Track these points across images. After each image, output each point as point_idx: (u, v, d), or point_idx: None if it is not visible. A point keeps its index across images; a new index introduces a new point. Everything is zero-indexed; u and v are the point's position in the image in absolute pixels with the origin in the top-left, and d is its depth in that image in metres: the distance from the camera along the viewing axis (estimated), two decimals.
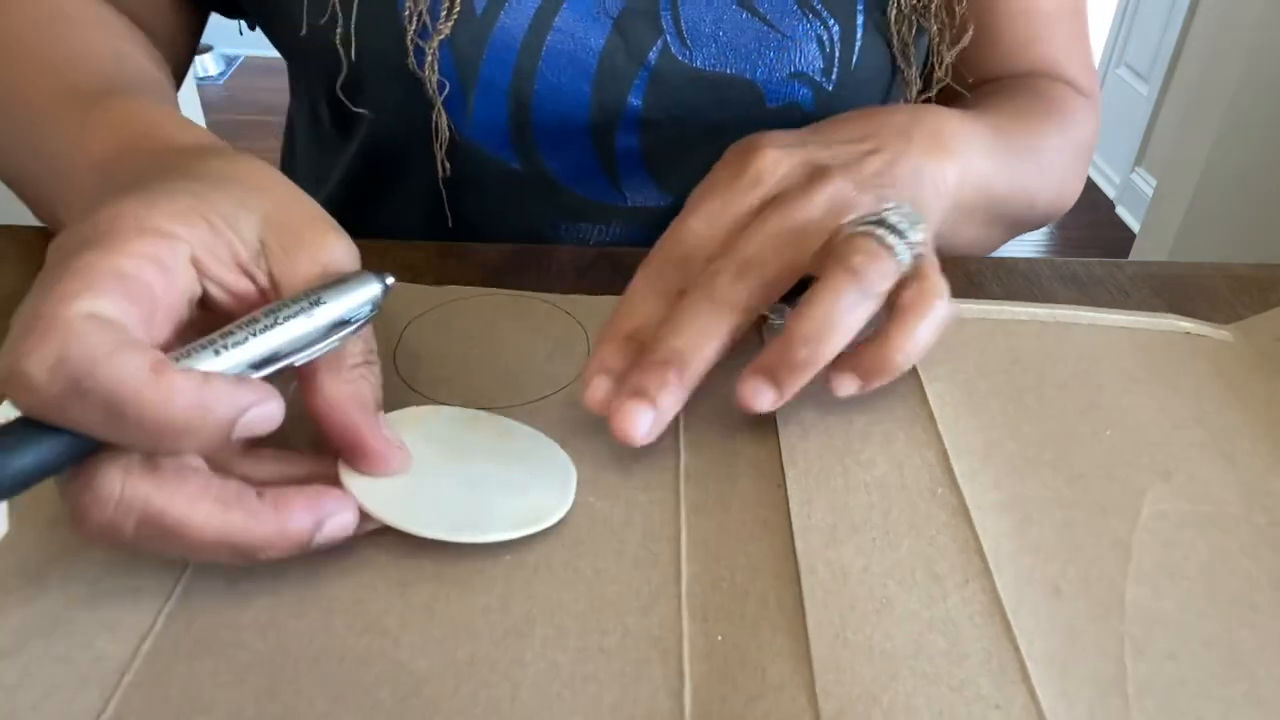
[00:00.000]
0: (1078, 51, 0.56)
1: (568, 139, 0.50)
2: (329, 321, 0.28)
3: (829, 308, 0.31)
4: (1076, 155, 0.52)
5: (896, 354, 0.32)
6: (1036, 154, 0.48)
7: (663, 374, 0.31)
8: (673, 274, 0.34)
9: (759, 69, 0.48)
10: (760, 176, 0.36)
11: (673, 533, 0.30)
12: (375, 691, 0.25)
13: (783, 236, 0.33)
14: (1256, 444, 0.35)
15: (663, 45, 0.47)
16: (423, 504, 0.29)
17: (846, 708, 0.25)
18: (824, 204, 0.34)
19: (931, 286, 0.33)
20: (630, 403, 0.31)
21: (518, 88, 0.47)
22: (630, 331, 0.33)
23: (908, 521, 0.31)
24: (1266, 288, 0.45)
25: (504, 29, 0.46)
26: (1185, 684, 0.26)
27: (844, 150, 0.37)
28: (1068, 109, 0.53)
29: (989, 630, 0.27)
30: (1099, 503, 0.32)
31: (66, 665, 0.26)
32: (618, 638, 0.27)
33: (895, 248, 0.32)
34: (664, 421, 0.32)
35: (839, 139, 0.38)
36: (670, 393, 0.31)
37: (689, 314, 0.32)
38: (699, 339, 0.32)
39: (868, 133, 0.39)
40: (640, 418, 0.31)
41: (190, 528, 0.24)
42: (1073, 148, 0.52)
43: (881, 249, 0.32)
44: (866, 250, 0.32)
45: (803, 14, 0.48)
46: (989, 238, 0.48)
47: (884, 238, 0.32)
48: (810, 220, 0.34)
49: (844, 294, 0.31)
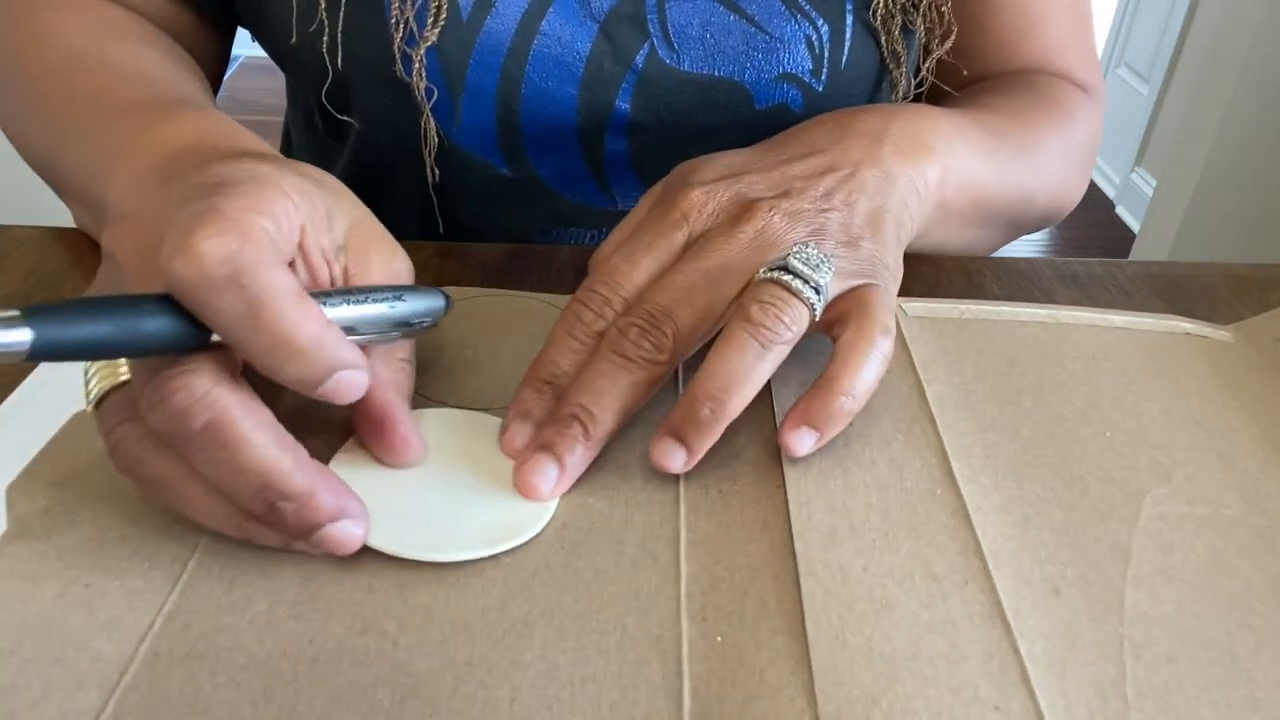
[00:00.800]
0: (1078, 44, 0.55)
1: (557, 143, 0.50)
2: (401, 316, 0.31)
3: (728, 363, 0.31)
4: (1077, 153, 0.51)
5: (839, 399, 0.31)
6: (1031, 151, 0.47)
7: (570, 433, 0.31)
8: (591, 317, 0.33)
9: (747, 71, 0.48)
10: (686, 216, 0.35)
11: (672, 533, 0.30)
12: (373, 693, 0.25)
13: (697, 284, 0.33)
14: (1256, 445, 0.35)
15: (650, 49, 0.47)
16: (398, 519, 0.29)
17: (845, 709, 0.25)
18: (745, 244, 0.33)
19: (872, 322, 0.32)
20: (538, 457, 0.31)
21: (505, 93, 0.47)
22: (548, 377, 0.33)
23: (907, 523, 0.31)
24: (1266, 288, 0.45)
25: (490, 34, 0.46)
26: (1184, 686, 0.26)
27: (790, 171, 0.36)
28: (1066, 105, 0.51)
29: (988, 632, 0.27)
30: (1098, 504, 0.32)
31: (64, 666, 0.26)
32: (616, 638, 0.27)
33: (802, 292, 0.32)
34: (569, 479, 0.31)
35: (793, 154, 0.37)
36: (577, 452, 0.31)
37: (596, 372, 0.32)
38: (606, 400, 0.32)
39: (830, 143, 0.38)
40: (546, 476, 0.31)
41: (248, 448, 0.26)
42: (1072, 145, 0.51)
43: (785, 296, 0.32)
44: (769, 298, 0.31)
45: (791, 15, 0.47)
46: (987, 238, 0.48)
47: (789, 283, 0.32)
48: (728, 263, 0.33)
49: (744, 348, 0.31)
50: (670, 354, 0.32)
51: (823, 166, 0.37)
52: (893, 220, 0.37)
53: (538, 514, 0.31)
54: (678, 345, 0.32)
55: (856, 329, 0.32)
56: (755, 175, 0.36)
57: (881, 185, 0.37)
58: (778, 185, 0.36)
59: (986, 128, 0.44)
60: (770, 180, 0.36)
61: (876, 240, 0.35)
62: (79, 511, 0.30)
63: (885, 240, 0.36)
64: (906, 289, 0.43)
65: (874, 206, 0.36)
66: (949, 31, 0.50)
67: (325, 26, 0.46)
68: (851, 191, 0.36)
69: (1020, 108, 0.50)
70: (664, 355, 0.32)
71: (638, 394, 0.32)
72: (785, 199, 0.35)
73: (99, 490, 0.31)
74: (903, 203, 0.38)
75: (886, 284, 0.35)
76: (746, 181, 0.36)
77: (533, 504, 0.31)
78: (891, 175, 0.37)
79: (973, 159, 0.42)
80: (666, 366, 0.32)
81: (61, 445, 0.33)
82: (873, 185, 0.37)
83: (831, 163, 0.37)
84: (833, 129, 0.39)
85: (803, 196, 0.35)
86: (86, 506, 0.30)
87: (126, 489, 0.31)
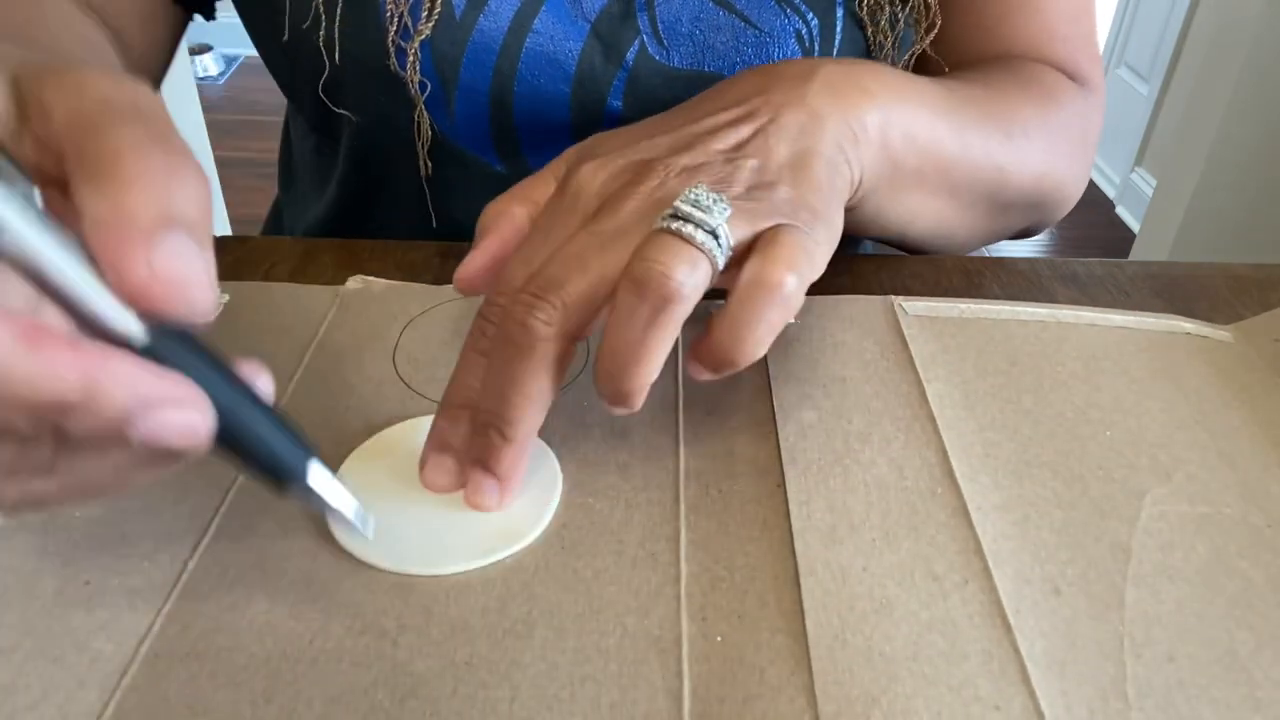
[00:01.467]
0: (1071, 34, 0.52)
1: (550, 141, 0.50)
2: None
3: (620, 336, 0.28)
4: (1063, 135, 0.48)
5: (731, 345, 0.28)
6: (1002, 120, 0.43)
7: (490, 440, 0.30)
8: (493, 329, 0.30)
9: (737, 66, 0.48)
10: (577, 196, 0.31)
11: (672, 533, 0.30)
12: (373, 693, 0.25)
13: (587, 249, 0.29)
14: (1256, 444, 0.35)
15: (640, 46, 0.47)
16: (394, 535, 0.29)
17: (845, 709, 0.25)
18: (639, 203, 0.30)
19: (774, 259, 0.28)
20: (473, 475, 0.30)
21: (498, 90, 0.47)
22: (462, 401, 0.31)
23: (907, 522, 0.31)
24: (1266, 288, 0.45)
25: (483, 32, 0.46)
26: (1184, 685, 0.26)
27: (697, 128, 0.33)
28: (1047, 86, 0.48)
29: (988, 631, 0.27)
30: (1099, 503, 0.32)
31: (64, 666, 0.26)
32: (616, 638, 0.27)
33: (694, 238, 0.28)
34: (511, 485, 0.30)
35: (706, 110, 0.34)
36: (503, 456, 0.30)
37: (494, 370, 0.29)
38: (512, 397, 0.29)
39: (751, 93, 0.35)
40: (487, 493, 0.30)
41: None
42: (1055, 125, 0.47)
43: (674, 246, 0.28)
44: (655, 253, 0.28)
45: (780, 9, 0.47)
46: (965, 216, 0.44)
47: (680, 229, 0.28)
48: (622, 225, 0.29)
49: (632, 314, 0.28)
50: (561, 325, 0.28)
51: (737, 117, 0.33)
52: (823, 163, 0.33)
53: (535, 520, 0.30)
54: (569, 315, 0.28)
55: (751, 270, 0.28)
56: (659, 138, 0.33)
57: (807, 127, 0.33)
58: (680, 144, 0.33)
59: (946, 87, 0.41)
60: (673, 140, 0.33)
61: (799, 183, 0.32)
62: (76, 507, 0.30)
63: (812, 182, 0.32)
64: (906, 288, 0.43)
65: (798, 150, 0.33)
66: (933, 24, 0.49)
67: (322, 20, 0.46)
68: (769, 138, 0.33)
69: (992, 80, 0.46)
70: (553, 327, 0.28)
71: (541, 380, 0.29)
72: (685, 153, 0.32)
73: None
74: (837, 145, 0.34)
75: (810, 226, 0.30)
76: (645, 146, 0.33)
77: (529, 510, 0.31)
78: (819, 115, 0.34)
79: (924, 112, 0.38)
80: (562, 341, 0.29)
81: None
82: (795, 128, 0.33)
83: (748, 111, 0.34)
84: (756, 78, 0.36)
85: (706, 149, 0.32)
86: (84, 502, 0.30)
87: None
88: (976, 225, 0.45)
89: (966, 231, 0.45)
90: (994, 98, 0.44)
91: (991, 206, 0.45)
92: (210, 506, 0.31)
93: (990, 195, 0.44)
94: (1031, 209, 0.47)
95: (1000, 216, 0.46)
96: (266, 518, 0.30)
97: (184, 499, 0.31)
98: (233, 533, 0.30)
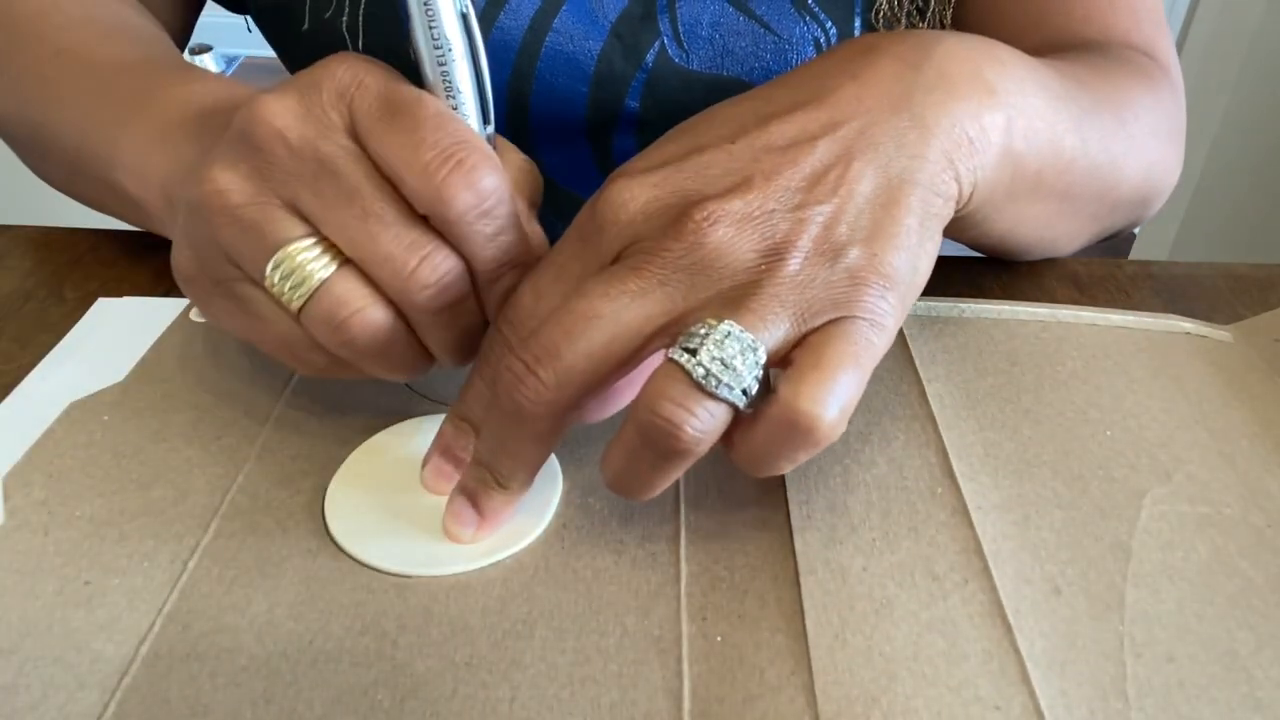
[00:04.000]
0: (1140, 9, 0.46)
1: (566, 140, 0.50)
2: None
3: (623, 465, 0.26)
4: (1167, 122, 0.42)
5: (746, 468, 0.26)
6: (1114, 105, 0.37)
7: (486, 482, 0.29)
8: (494, 359, 0.29)
9: (756, 71, 0.48)
10: (602, 228, 0.27)
11: (672, 532, 0.30)
12: (373, 693, 0.25)
13: (597, 316, 0.25)
14: (1256, 444, 0.35)
15: (660, 48, 0.48)
16: (394, 535, 0.30)
17: (845, 709, 0.25)
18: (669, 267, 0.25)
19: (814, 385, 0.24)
20: (459, 503, 0.29)
21: (516, 88, 0.48)
22: (466, 415, 0.30)
23: (907, 521, 0.31)
24: (1266, 288, 0.45)
25: (503, 29, 0.46)
26: (1184, 685, 0.26)
27: (765, 139, 0.27)
28: (1143, 67, 0.43)
29: (988, 631, 0.27)
30: (1099, 503, 0.32)
31: (64, 667, 0.26)
32: (616, 638, 0.27)
33: (717, 392, 0.24)
34: (491, 525, 0.30)
35: (780, 107, 0.28)
36: (494, 501, 0.29)
37: (495, 420, 0.28)
38: (511, 453, 0.28)
39: (840, 82, 0.28)
40: (465, 525, 0.30)
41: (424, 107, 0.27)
42: (1160, 112, 0.41)
43: (691, 393, 0.24)
44: (666, 400, 0.24)
45: (800, 16, 0.48)
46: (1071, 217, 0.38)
47: (703, 382, 0.24)
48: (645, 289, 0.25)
49: (638, 456, 0.26)
50: (553, 405, 0.26)
51: (816, 126, 0.27)
52: (917, 199, 0.27)
53: (535, 520, 0.30)
54: (563, 392, 0.26)
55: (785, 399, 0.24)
56: (714, 152, 0.27)
57: (907, 142, 0.27)
58: (740, 167, 0.26)
59: (1056, 69, 0.34)
60: (732, 158, 0.27)
61: (876, 238, 0.26)
62: (77, 506, 0.30)
63: (894, 233, 0.26)
64: None
65: (888, 179, 0.26)
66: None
67: (345, 9, 0.46)
68: (852, 164, 0.26)
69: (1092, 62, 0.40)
70: (543, 406, 0.26)
71: (538, 447, 0.28)
72: (741, 193, 0.26)
73: (97, 485, 0.31)
74: (944, 162, 0.27)
75: (873, 309, 0.25)
76: (696, 164, 0.27)
77: (529, 510, 0.31)
78: (926, 125, 0.27)
79: (1045, 102, 0.31)
80: (555, 413, 0.26)
81: (58, 437, 0.33)
82: (891, 146, 0.27)
83: (831, 118, 0.27)
84: (847, 60, 0.29)
85: (771, 185, 0.26)
86: (84, 501, 0.30)
87: (125, 485, 0.31)
88: (1083, 229, 0.41)
89: (1069, 237, 0.40)
90: (1103, 80, 0.38)
91: (1102, 206, 0.39)
92: (210, 506, 0.31)
93: (1103, 194, 0.38)
94: (1138, 205, 0.42)
95: (1108, 216, 0.41)
96: (267, 518, 0.30)
97: (184, 499, 0.31)
98: (233, 533, 0.30)
